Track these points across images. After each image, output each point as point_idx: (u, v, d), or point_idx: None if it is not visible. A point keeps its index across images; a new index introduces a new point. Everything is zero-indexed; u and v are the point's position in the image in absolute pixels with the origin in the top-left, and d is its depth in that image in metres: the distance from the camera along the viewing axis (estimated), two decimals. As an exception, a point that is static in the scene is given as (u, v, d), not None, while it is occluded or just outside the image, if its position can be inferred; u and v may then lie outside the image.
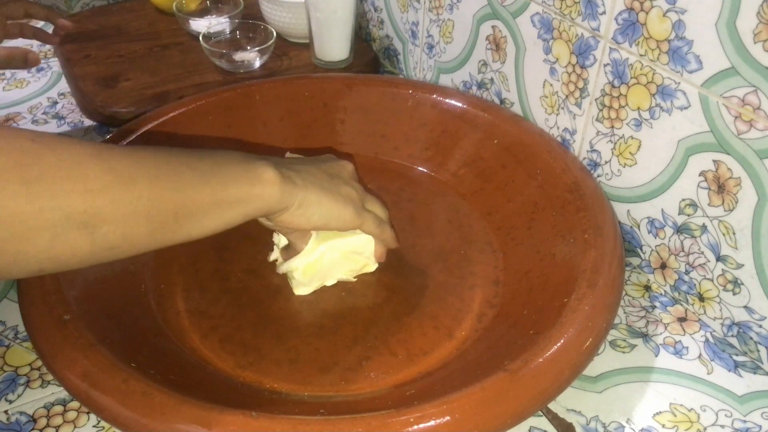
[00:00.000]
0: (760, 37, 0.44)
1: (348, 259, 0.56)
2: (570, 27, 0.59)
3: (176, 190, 0.40)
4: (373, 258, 0.57)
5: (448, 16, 0.76)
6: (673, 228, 0.55)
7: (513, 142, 0.64)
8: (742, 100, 0.47)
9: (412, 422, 0.39)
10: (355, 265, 0.57)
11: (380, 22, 0.91)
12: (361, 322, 0.54)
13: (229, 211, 0.43)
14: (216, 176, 0.42)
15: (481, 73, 0.74)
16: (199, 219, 0.41)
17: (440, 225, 0.64)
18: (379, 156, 0.71)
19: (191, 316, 0.54)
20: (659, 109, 0.53)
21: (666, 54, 0.51)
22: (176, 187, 0.40)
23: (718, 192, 0.51)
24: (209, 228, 0.43)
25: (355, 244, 0.55)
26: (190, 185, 0.40)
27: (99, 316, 0.48)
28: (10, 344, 0.52)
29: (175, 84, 0.79)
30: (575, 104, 0.62)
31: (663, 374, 0.51)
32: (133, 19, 0.95)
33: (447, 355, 0.51)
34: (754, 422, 0.47)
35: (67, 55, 0.84)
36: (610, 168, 0.60)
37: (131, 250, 0.39)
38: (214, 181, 0.42)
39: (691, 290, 0.56)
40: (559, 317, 0.46)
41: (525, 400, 0.41)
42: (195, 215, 0.41)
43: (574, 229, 0.54)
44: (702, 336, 0.54)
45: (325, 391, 0.49)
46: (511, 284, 0.57)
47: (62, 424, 0.47)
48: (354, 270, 0.57)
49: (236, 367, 0.50)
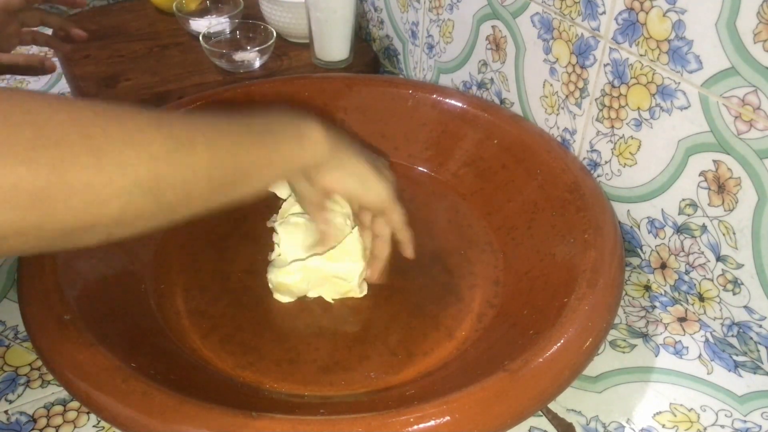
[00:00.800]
0: (760, 37, 0.44)
1: (329, 282, 0.55)
2: (570, 27, 0.59)
3: (233, 153, 0.41)
4: (359, 287, 0.55)
5: (448, 16, 0.76)
6: (673, 228, 0.55)
7: (513, 142, 0.64)
8: (742, 100, 0.47)
9: (412, 422, 0.39)
10: (339, 289, 0.55)
11: (380, 22, 0.91)
12: (361, 322, 0.54)
13: (281, 168, 0.45)
14: (269, 137, 0.44)
15: (481, 73, 0.74)
16: (254, 178, 0.43)
17: (440, 225, 0.64)
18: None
19: (191, 316, 0.54)
20: (659, 109, 0.53)
21: (666, 54, 0.51)
22: (233, 150, 0.41)
23: (718, 192, 0.51)
24: (263, 185, 0.45)
25: (339, 270, 0.54)
26: (245, 148, 0.42)
27: (99, 316, 0.48)
28: (10, 344, 0.52)
29: (175, 84, 0.79)
30: (575, 104, 0.62)
31: (663, 374, 0.51)
32: (133, 19, 0.95)
33: (447, 355, 0.51)
34: (754, 422, 0.47)
35: (67, 55, 0.84)
36: (610, 168, 0.60)
37: (192, 209, 0.40)
38: (267, 142, 0.44)
39: (691, 290, 0.56)
40: (559, 317, 0.46)
41: (525, 400, 0.41)
42: (251, 175, 0.43)
43: (574, 229, 0.54)
44: (702, 336, 0.54)
45: (325, 391, 0.49)
46: (511, 284, 0.57)
47: (62, 424, 0.47)
48: (337, 293, 0.56)
49: (236, 367, 0.50)
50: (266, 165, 0.44)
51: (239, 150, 0.41)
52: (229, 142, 0.41)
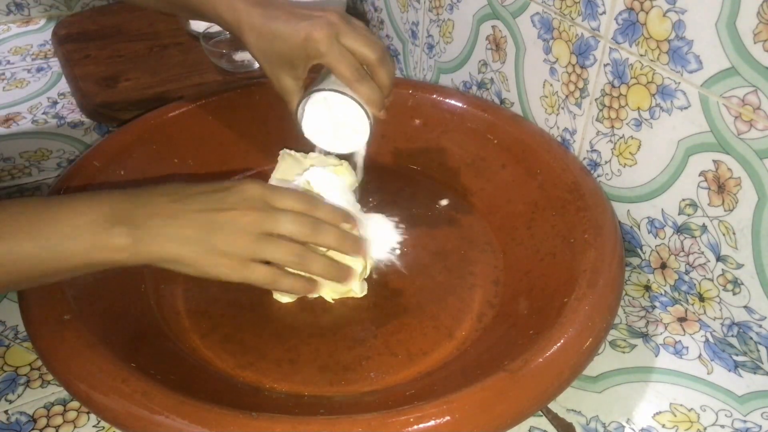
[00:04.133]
0: (760, 37, 0.44)
1: (329, 282, 0.53)
2: (570, 27, 0.59)
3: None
4: (359, 287, 0.55)
5: (448, 16, 0.76)
6: (673, 228, 0.55)
7: (513, 142, 0.64)
8: (742, 100, 0.47)
9: (412, 422, 0.39)
10: (339, 289, 0.55)
11: (380, 22, 0.91)
12: (361, 322, 0.54)
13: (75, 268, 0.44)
14: (60, 241, 0.43)
15: (481, 73, 0.74)
16: (47, 277, 0.44)
17: (440, 225, 0.64)
18: (379, 156, 0.71)
19: (191, 316, 0.54)
20: (659, 109, 0.53)
21: (666, 54, 0.51)
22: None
23: (718, 192, 0.51)
24: (58, 279, 0.45)
25: None
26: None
27: (99, 316, 0.48)
28: (10, 344, 0.52)
29: (175, 84, 0.79)
30: (575, 104, 0.62)
31: (663, 374, 0.51)
32: (133, 19, 0.95)
33: (447, 355, 0.51)
34: (754, 422, 0.47)
35: (67, 55, 0.84)
36: (610, 168, 0.60)
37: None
38: (57, 248, 0.43)
39: (691, 290, 0.56)
40: (559, 317, 0.46)
41: (525, 400, 0.41)
42: (41, 276, 0.44)
43: (574, 229, 0.54)
44: (702, 336, 0.54)
45: (325, 391, 0.49)
46: (511, 284, 0.57)
47: (62, 424, 0.47)
48: (337, 293, 0.55)
49: (236, 367, 0.50)
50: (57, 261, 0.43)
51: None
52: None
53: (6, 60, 0.89)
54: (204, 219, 0.46)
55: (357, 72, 0.52)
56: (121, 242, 0.43)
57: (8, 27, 0.97)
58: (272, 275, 0.48)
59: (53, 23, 0.95)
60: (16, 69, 0.87)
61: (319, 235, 0.49)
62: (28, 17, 0.99)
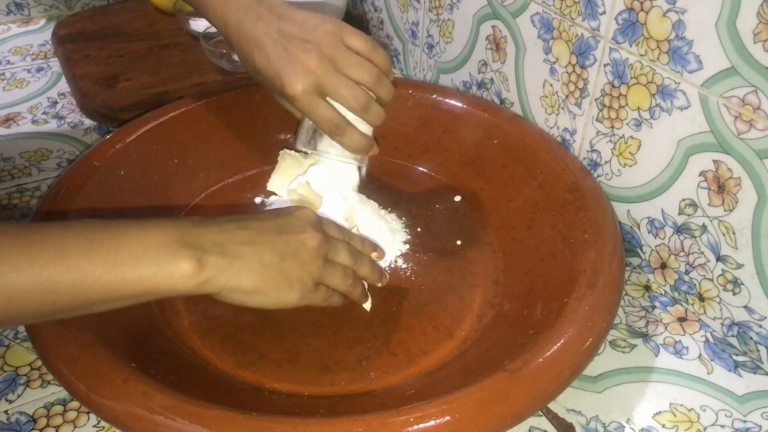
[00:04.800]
0: (760, 37, 0.44)
1: None
2: (570, 27, 0.59)
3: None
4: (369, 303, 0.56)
5: (448, 16, 0.76)
6: (673, 228, 0.55)
7: (513, 142, 0.64)
8: (742, 100, 0.47)
9: (412, 422, 0.39)
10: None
11: (380, 22, 0.91)
12: (361, 322, 0.54)
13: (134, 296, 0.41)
14: (129, 264, 0.40)
15: (481, 73, 0.74)
16: (102, 304, 0.41)
17: (440, 225, 0.64)
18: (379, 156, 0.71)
19: (191, 316, 0.54)
20: (659, 109, 0.53)
21: (666, 54, 0.51)
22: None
23: (718, 192, 0.51)
24: (114, 306, 0.42)
25: None
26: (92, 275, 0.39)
27: (99, 316, 0.48)
28: (10, 344, 0.52)
29: (175, 84, 0.79)
30: (575, 104, 0.62)
31: (663, 374, 0.51)
32: (133, 19, 0.95)
33: (447, 355, 0.51)
34: (754, 422, 0.47)
35: (67, 55, 0.84)
36: (610, 168, 0.60)
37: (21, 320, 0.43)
38: (120, 270, 0.40)
39: (691, 290, 0.56)
40: (559, 317, 0.46)
41: (525, 400, 0.41)
42: (98, 302, 0.40)
43: (574, 229, 0.54)
44: (702, 336, 0.54)
45: (325, 391, 0.49)
46: (511, 284, 0.57)
47: (62, 424, 0.47)
48: None
49: (236, 367, 0.50)
50: (116, 291, 0.40)
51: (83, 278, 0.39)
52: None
53: (6, 60, 0.89)
54: (280, 242, 0.46)
55: (336, 127, 0.54)
56: (190, 268, 0.41)
57: (8, 27, 0.97)
58: (328, 297, 0.51)
59: (53, 23, 0.95)
60: (16, 69, 0.87)
61: (359, 265, 0.52)
62: (28, 17, 0.99)
